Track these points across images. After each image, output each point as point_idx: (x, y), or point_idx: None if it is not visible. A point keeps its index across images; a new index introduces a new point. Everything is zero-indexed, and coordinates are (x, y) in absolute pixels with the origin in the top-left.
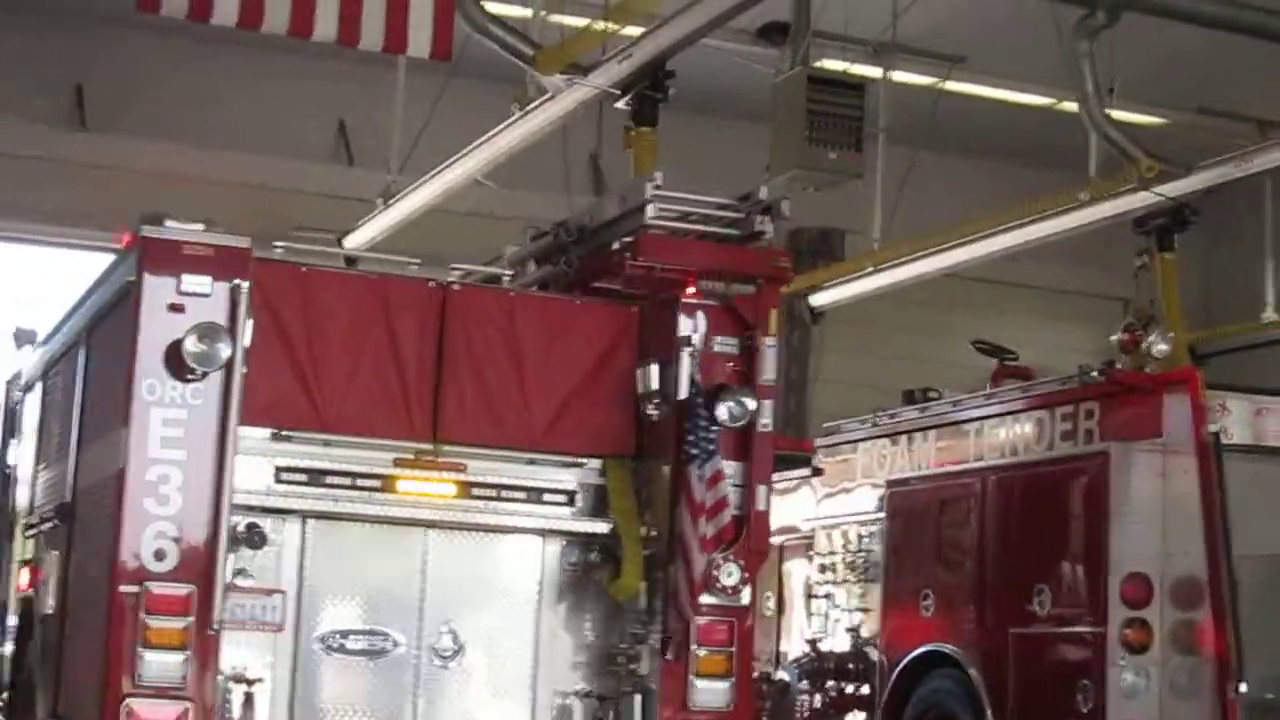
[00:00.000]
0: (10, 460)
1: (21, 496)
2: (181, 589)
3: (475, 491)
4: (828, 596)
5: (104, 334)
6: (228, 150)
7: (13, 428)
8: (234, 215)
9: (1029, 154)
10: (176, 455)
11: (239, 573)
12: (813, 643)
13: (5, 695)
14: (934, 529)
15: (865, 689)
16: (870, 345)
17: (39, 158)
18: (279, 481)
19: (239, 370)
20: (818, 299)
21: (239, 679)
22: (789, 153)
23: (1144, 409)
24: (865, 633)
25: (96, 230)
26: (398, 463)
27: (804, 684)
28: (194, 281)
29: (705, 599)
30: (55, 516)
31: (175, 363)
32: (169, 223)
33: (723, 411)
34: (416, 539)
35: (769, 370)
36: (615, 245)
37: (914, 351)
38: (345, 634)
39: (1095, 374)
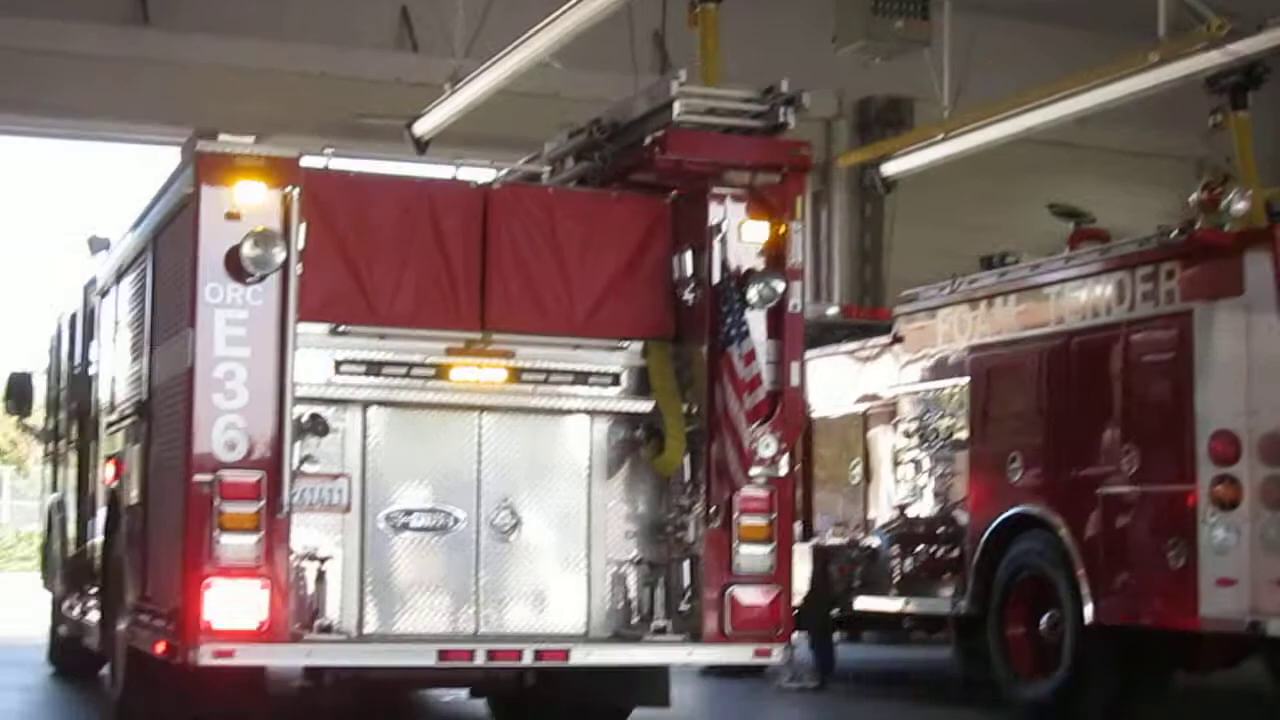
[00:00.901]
0: (91, 361)
1: (104, 395)
2: (251, 476)
3: (524, 376)
4: (914, 462)
5: (168, 241)
6: (291, 42)
7: (91, 330)
8: (299, 106)
9: (1097, 16)
10: (241, 352)
11: (306, 459)
12: (901, 508)
13: (99, 584)
14: (1018, 393)
15: (955, 552)
16: (944, 213)
17: (103, 56)
18: (339, 373)
19: (294, 272)
20: (889, 168)
21: (311, 557)
22: (855, 23)
23: (1225, 268)
24: (953, 497)
25: (162, 126)
26: (450, 351)
27: (894, 549)
28: (248, 190)
29: (750, 470)
30: (134, 413)
31: (234, 267)
32: (222, 136)
33: (753, 294)
34: (471, 422)
35: (796, 253)
36: (646, 141)
37: (987, 218)
38: (409, 513)
39: (1175, 234)
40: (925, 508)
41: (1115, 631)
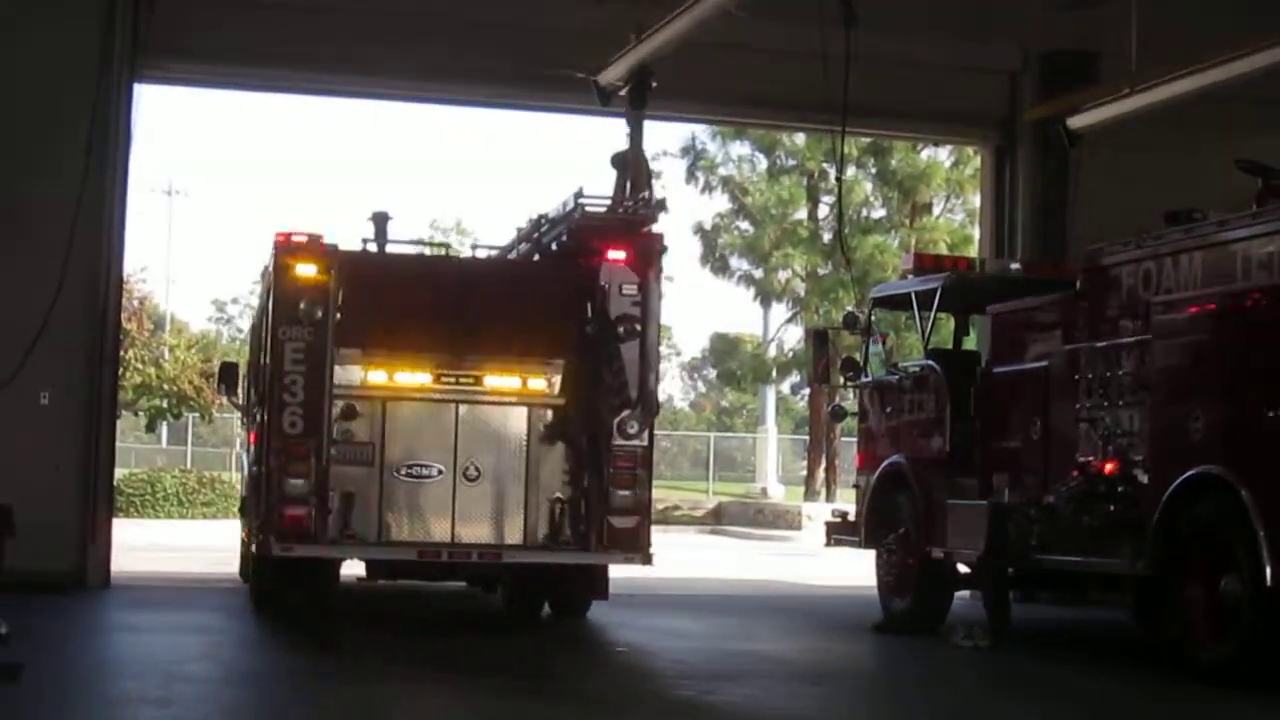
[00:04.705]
0: (259, 359)
1: (257, 385)
2: (305, 443)
3: (488, 381)
4: (1094, 420)
5: (267, 294)
6: None
7: (260, 336)
8: (488, 56)
9: None
10: (300, 368)
11: (344, 432)
12: (1081, 467)
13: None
14: (1202, 351)
15: (1135, 511)
16: (1129, 168)
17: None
18: (367, 379)
19: (333, 320)
20: (1075, 122)
21: (347, 493)
22: None
23: None
24: (1134, 455)
25: (351, 76)
26: (438, 365)
27: (1073, 507)
28: (305, 268)
29: (617, 441)
30: (260, 400)
31: (296, 317)
32: (294, 230)
33: (621, 330)
34: (451, 410)
35: (654, 303)
36: (562, 234)
37: (1173, 174)
38: (410, 466)
39: None
40: (1105, 466)
41: None
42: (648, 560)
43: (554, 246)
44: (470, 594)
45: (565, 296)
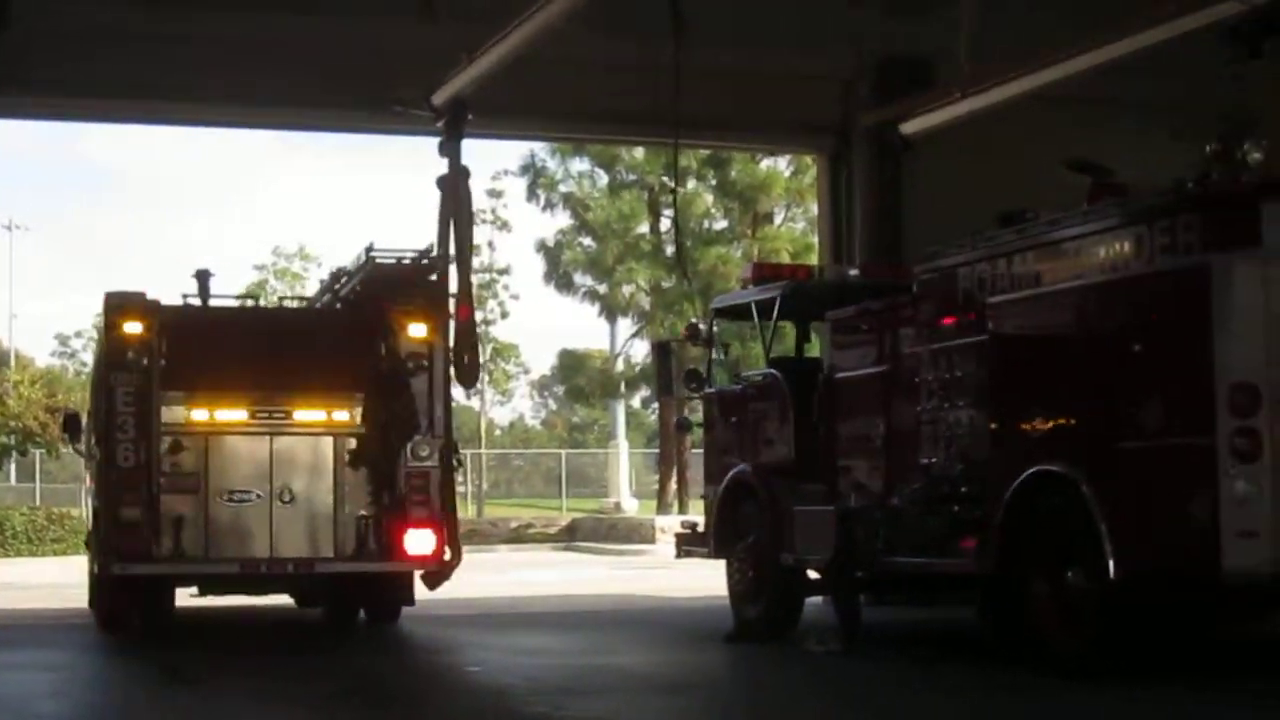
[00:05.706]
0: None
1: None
2: (137, 475)
3: (297, 415)
4: (936, 422)
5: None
6: (305, 15)
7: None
8: (320, 81)
9: None
10: (130, 409)
11: (173, 464)
12: (924, 469)
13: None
14: (1038, 349)
15: (978, 511)
16: (964, 172)
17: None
18: (191, 417)
19: (157, 368)
20: (908, 127)
21: (177, 517)
22: None
23: (1242, 219)
24: (976, 455)
25: (196, 104)
26: (254, 403)
27: (917, 509)
28: (131, 324)
29: (411, 463)
30: (97, 441)
31: (125, 364)
32: (121, 289)
33: (410, 365)
34: (266, 441)
35: (440, 342)
36: (355, 283)
37: (1008, 176)
38: (232, 492)
39: (1191, 186)
40: (948, 468)
41: (1139, 587)
42: (445, 566)
43: (351, 296)
44: (298, 614)
45: (362, 339)
